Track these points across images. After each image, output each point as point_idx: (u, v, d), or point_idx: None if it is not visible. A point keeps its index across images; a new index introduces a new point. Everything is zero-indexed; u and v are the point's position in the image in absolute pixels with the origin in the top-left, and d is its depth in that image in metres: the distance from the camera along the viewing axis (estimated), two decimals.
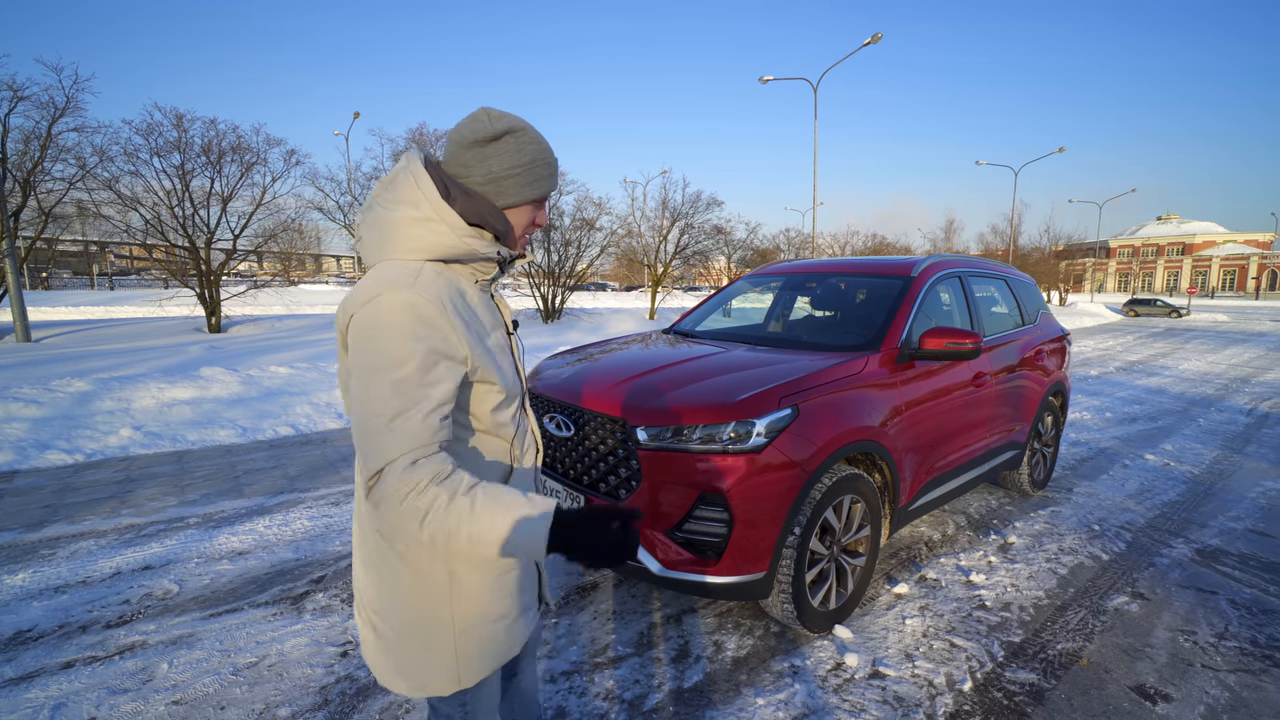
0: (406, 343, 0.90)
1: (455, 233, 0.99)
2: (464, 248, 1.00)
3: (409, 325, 0.90)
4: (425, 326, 0.91)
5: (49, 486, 4.05)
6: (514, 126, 1.03)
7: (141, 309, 17.55)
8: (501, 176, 1.02)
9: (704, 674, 2.21)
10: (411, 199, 0.98)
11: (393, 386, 0.89)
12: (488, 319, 1.07)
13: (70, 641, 2.35)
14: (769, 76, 18.41)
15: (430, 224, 0.98)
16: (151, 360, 7.74)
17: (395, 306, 0.90)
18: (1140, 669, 2.27)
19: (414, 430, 0.89)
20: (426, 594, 1.04)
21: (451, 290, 0.98)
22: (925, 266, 3.30)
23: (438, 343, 0.92)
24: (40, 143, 10.29)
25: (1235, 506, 3.96)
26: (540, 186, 1.07)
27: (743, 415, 2.20)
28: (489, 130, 1.00)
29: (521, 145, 1.02)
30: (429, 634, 1.05)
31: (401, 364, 0.90)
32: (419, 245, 0.99)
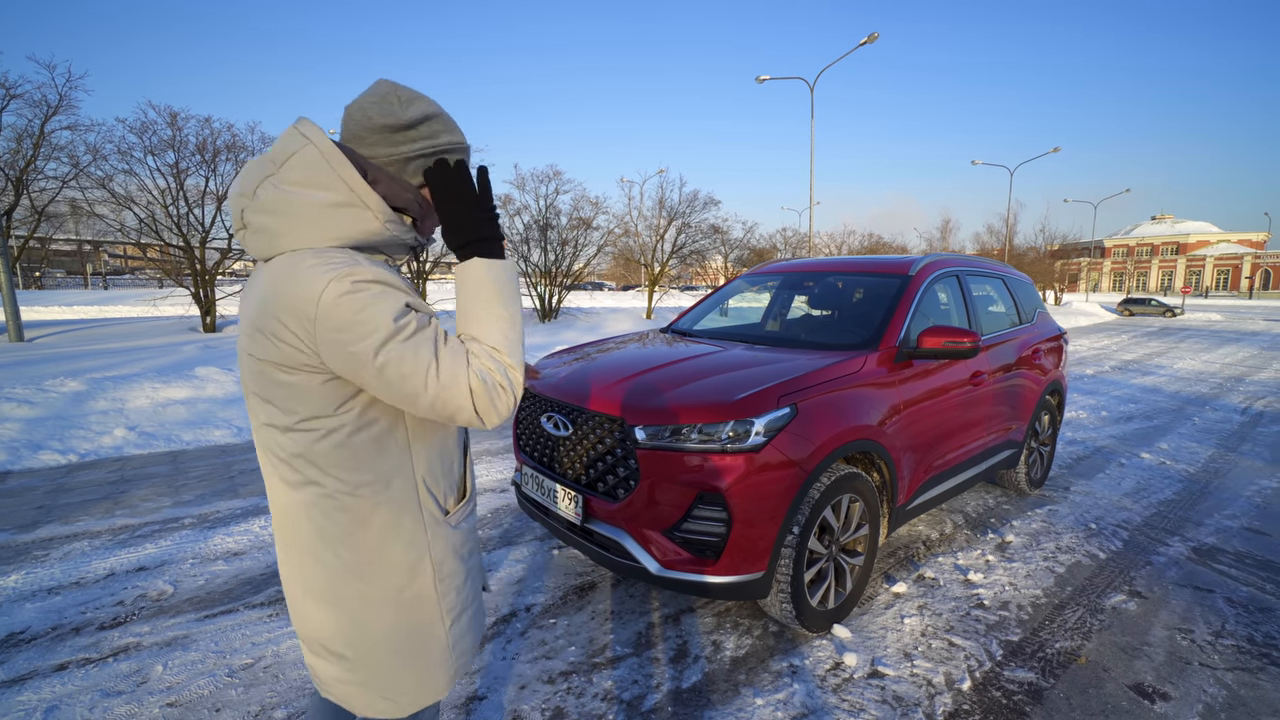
0: (389, 309, 0.85)
1: (380, 219, 0.92)
2: (386, 234, 0.94)
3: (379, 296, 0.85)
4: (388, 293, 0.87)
5: (42, 487, 4.02)
6: (429, 113, 0.97)
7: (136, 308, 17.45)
8: (408, 159, 0.96)
9: (702, 674, 2.20)
10: (322, 180, 0.89)
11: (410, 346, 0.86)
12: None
13: (63, 643, 2.32)
14: (765, 76, 18.41)
15: (353, 209, 0.90)
16: (146, 360, 7.69)
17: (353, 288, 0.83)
18: (1138, 667, 2.27)
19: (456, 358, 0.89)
20: (413, 593, 1.01)
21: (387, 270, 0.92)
22: (923, 265, 3.30)
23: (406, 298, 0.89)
24: (33, 141, 10.21)
25: (1231, 505, 3.98)
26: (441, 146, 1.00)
27: (741, 414, 2.19)
28: (402, 117, 0.94)
29: (436, 132, 0.97)
30: (421, 640, 1.03)
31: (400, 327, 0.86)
32: (339, 232, 0.90)
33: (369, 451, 0.95)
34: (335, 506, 0.95)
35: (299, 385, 0.89)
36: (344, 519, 0.96)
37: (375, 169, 0.93)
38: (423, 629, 1.03)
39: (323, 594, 0.99)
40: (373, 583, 0.98)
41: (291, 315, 0.84)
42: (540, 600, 2.69)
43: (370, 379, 0.87)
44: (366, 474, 0.95)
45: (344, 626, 1.00)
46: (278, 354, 0.87)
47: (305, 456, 0.93)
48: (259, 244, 0.91)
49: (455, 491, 1.09)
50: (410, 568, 1.00)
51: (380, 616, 1.00)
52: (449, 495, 1.07)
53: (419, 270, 14.42)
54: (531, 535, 3.36)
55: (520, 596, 2.72)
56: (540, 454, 2.66)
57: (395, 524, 0.98)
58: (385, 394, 0.88)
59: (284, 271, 0.86)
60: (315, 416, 0.91)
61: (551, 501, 2.52)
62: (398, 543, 0.99)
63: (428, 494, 1.02)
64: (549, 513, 2.58)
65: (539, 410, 2.66)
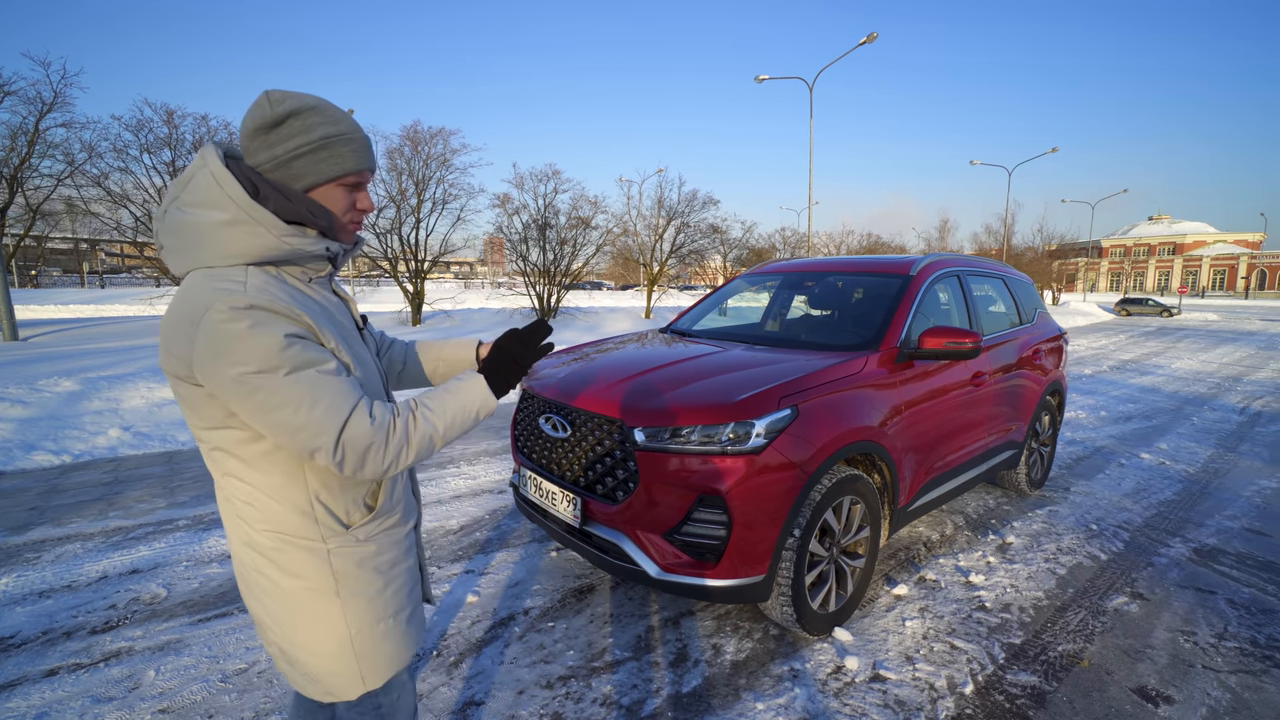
0: (264, 342, 0.86)
1: (274, 233, 0.93)
2: (285, 248, 0.94)
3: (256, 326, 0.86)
4: (270, 321, 0.88)
5: (35, 488, 3.98)
6: (298, 107, 0.95)
7: (132, 307, 17.37)
8: (288, 159, 0.95)
9: (703, 678, 2.18)
10: (213, 200, 0.90)
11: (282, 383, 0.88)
12: (338, 314, 1.06)
13: (54, 648, 2.29)
14: (765, 76, 18.38)
15: (243, 226, 0.91)
16: (141, 359, 7.64)
17: (234, 314, 0.86)
18: (1141, 670, 2.25)
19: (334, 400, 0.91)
20: (315, 602, 1.05)
21: (281, 290, 0.93)
22: (924, 265, 3.28)
23: (291, 328, 0.90)
24: (27, 138, 10.15)
25: (1231, 505, 3.96)
26: (335, 164, 0.98)
27: (742, 416, 2.17)
28: (270, 115, 0.94)
29: (309, 125, 0.95)
30: (325, 639, 1.07)
31: (274, 361, 0.87)
32: (234, 249, 0.91)
33: (261, 463, 0.98)
34: (234, 512, 1.03)
35: (190, 397, 0.94)
36: (243, 524, 1.03)
37: (266, 185, 0.94)
38: (328, 633, 1.06)
39: (248, 584, 1.07)
40: (276, 582, 1.04)
41: (178, 332, 0.89)
42: (538, 603, 2.66)
43: (239, 406, 0.89)
44: (260, 483, 0.99)
45: (265, 613, 1.07)
46: (172, 366, 0.92)
47: (209, 459, 1.01)
48: (173, 262, 0.96)
49: (361, 506, 1.09)
50: (311, 575, 1.04)
51: (290, 614, 1.05)
52: (352, 510, 1.07)
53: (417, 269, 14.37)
54: (529, 537, 3.33)
55: (518, 600, 2.69)
56: (539, 455, 2.64)
57: (288, 533, 1.02)
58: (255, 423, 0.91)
59: (182, 290, 0.92)
60: (208, 427, 0.96)
61: (550, 504, 2.49)
62: (296, 549, 1.03)
63: (322, 508, 1.03)
64: (547, 515, 2.55)
65: (537, 411, 2.63)
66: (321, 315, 0.98)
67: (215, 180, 0.91)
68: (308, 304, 0.97)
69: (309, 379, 0.90)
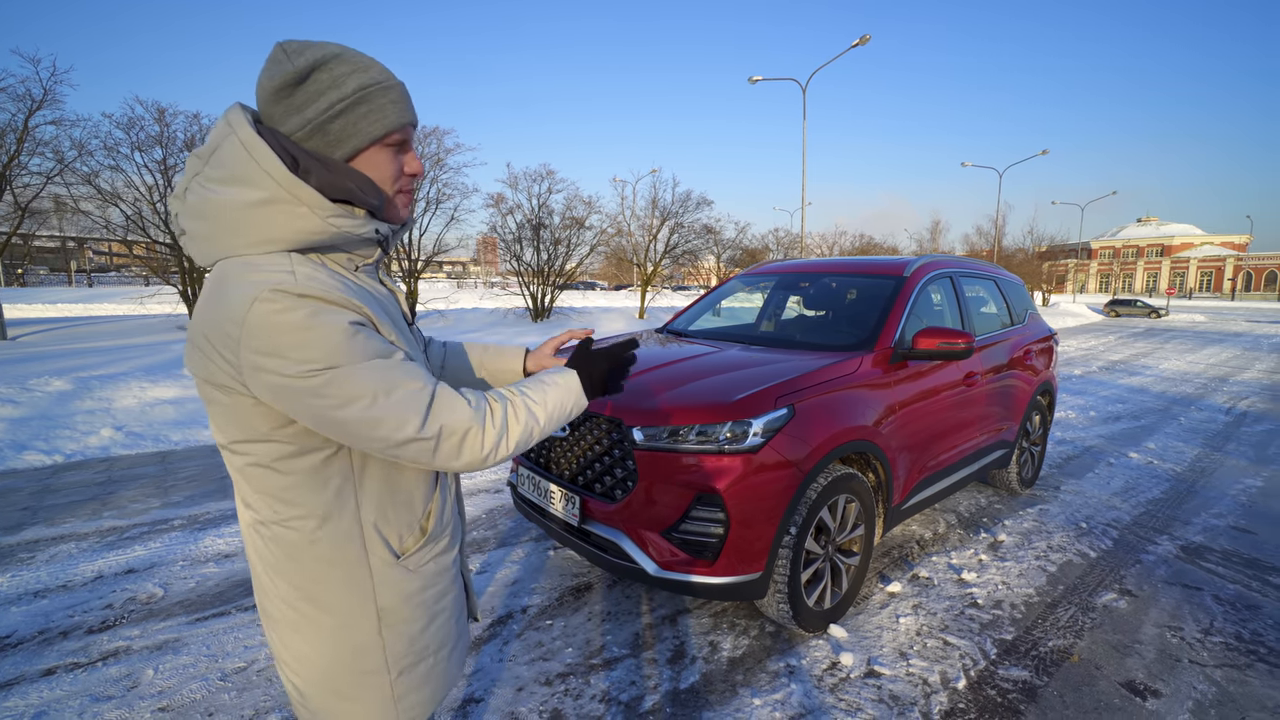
0: (326, 333, 0.74)
1: (319, 214, 0.78)
2: (331, 231, 0.80)
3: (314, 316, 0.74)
4: (329, 310, 0.75)
5: (27, 488, 3.95)
6: (322, 57, 0.79)
7: (122, 306, 17.22)
8: (323, 121, 0.79)
9: (700, 675, 2.20)
10: (245, 175, 0.76)
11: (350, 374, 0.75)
12: (390, 307, 0.93)
13: (51, 648, 2.29)
14: (758, 77, 18.46)
15: (282, 206, 0.77)
16: (133, 359, 7.59)
17: (289, 304, 0.73)
18: (1130, 665, 2.30)
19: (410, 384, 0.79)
20: (353, 639, 0.90)
21: (336, 279, 0.81)
22: (917, 267, 3.32)
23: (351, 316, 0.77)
24: (16, 136, 10.04)
25: (1217, 503, 4.03)
26: (379, 119, 0.82)
27: (739, 415, 2.19)
28: (291, 70, 0.77)
29: (339, 77, 0.79)
30: (359, 683, 0.92)
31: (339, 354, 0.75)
32: (273, 234, 0.78)
33: (304, 483, 0.84)
34: (270, 535, 0.87)
35: (231, 406, 0.79)
36: (279, 549, 0.87)
37: (306, 157, 0.79)
38: (364, 676, 0.92)
39: (269, 616, 0.93)
40: (310, 619, 0.89)
41: (217, 334, 0.74)
42: (536, 601, 2.68)
43: (300, 410, 0.76)
44: (299, 507, 0.85)
45: (286, 655, 0.92)
46: (206, 371, 0.78)
47: (241, 476, 0.86)
48: (198, 251, 0.81)
49: (415, 530, 0.95)
50: (350, 611, 0.89)
51: (319, 654, 0.90)
52: (405, 535, 0.93)
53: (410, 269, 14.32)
54: (527, 536, 3.34)
55: (516, 598, 2.71)
56: (537, 455, 2.65)
57: (333, 563, 0.88)
58: (322, 427, 0.78)
59: (213, 284, 0.77)
60: (247, 440, 0.82)
61: (548, 502, 2.51)
62: (335, 584, 0.88)
63: (375, 535, 0.90)
64: (545, 514, 2.57)
65: None
66: (375, 306, 0.85)
67: (246, 150, 0.76)
68: (361, 294, 0.83)
69: (379, 367, 0.78)
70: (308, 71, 0.78)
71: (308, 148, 0.80)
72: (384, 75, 0.83)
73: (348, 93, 0.79)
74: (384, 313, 0.87)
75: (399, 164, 0.87)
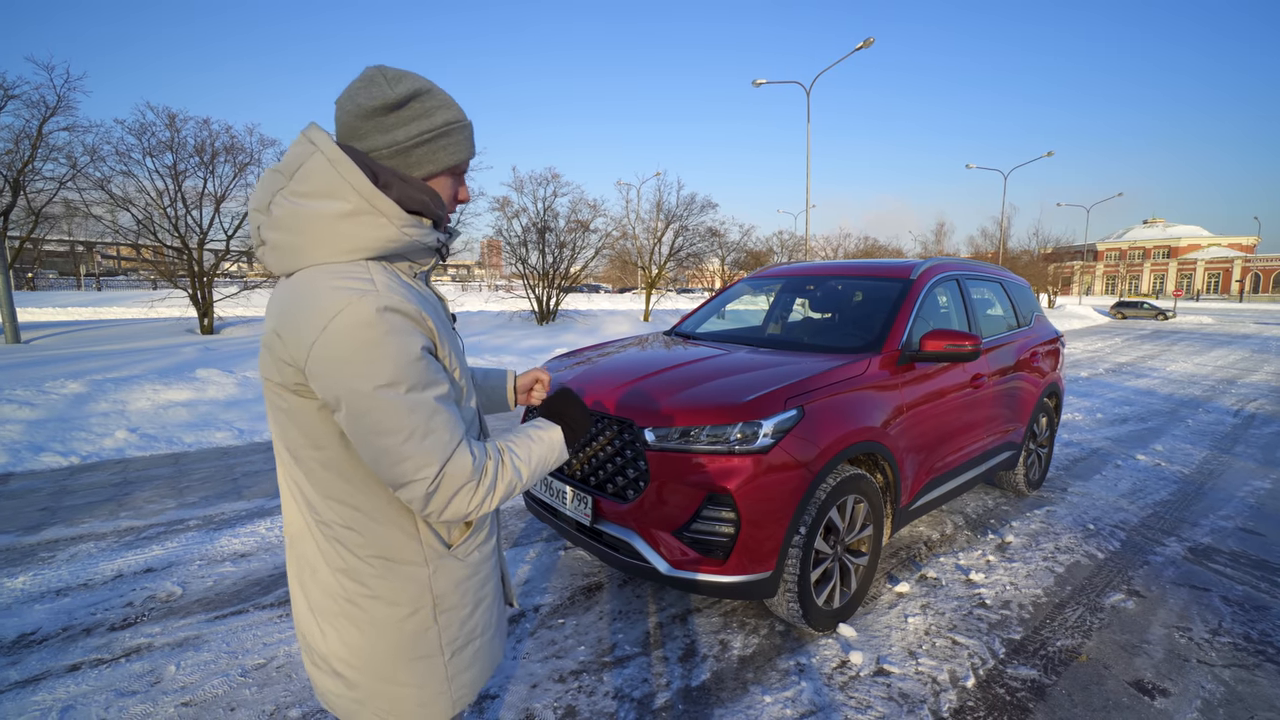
0: (398, 352, 0.81)
1: (395, 224, 0.86)
2: (405, 240, 0.88)
3: (392, 333, 0.80)
4: (406, 329, 0.82)
5: (45, 489, 4.01)
6: (419, 89, 0.89)
7: (131, 310, 17.37)
8: (410, 146, 0.89)
9: (711, 672, 2.23)
10: (332, 189, 0.83)
11: (406, 403, 0.81)
12: (442, 311, 1.01)
13: (75, 644, 2.34)
14: (762, 80, 18.50)
15: (366, 217, 0.84)
16: (145, 362, 7.68)
17: (369, 319, 0.79)
18: (1138, 665, 2.31)
19: (442, 434, 0.85)
20: (412, 627, 0.97)
21: (405, 287, 0.88)
22: (924, 269, 3.35)
23: (423, 340, 0.85)
24: (30, 142, 10.17)
25: (1225, 505, 4.04)
26: (455, 153, 0.94)
27: (750, 416, 2.23)
28: (390, 95, 0.86)
29: (430, 109, 0.90)
30: (416, 667, 0.98)
31: (404, 376, 0.81)
32: (356, 244, 0.85)
33: (369, 484, 0.91)
34: (331, 535, 0.93)
35: (297, 409, 0.86)
36: (340, 547, 0.93)
37: (386, 172, 0.88)
38: (420, 661, 0.98)
39: (323, 613, 0.97)
40: (370, 612, 0.95)
41: (295, 337, 0.80)
42: (548, 600, 2.71)
43: (349, 420, 0.81)
44: (361, 507, 0.92)
45: (340, 649, 0.96)
46: (279, 374, 0.84)
47: (306, 479, 0.92)
48: (278, 260, 0.87)
49: (461, 524, 1.02)
50: (409, 601, 0.96)
51: (377, 645, 0.96)
52: (453, 527, 1.01)
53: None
54: (539, 537, 3.38)
55: (528, 597, 2.74)
56: None
57: (392, 557, 0.94)
58: (357, 441, 0.83)
59: (299, 290, 0.83)
60: (312, 445, 0.88)
61: (560, 503, 2.55)
62: (395, 576, 0.95)
63: (428, 529, 0.97)
64: (557, 514, 2.60)
65: None
66: (430, 311, 0.91)
67: (333, 166, 0.83)
68: (422, 301, 0.89)
69: (427, 406, 0.83)
70: (404, 100, 0.88)
71: (387, 165, 0.89)
72: (462, 115, 0.95)
73: (435, 125, 0.91)
74: (437, 318, 0.93)
75: (455, 190, 1.00)
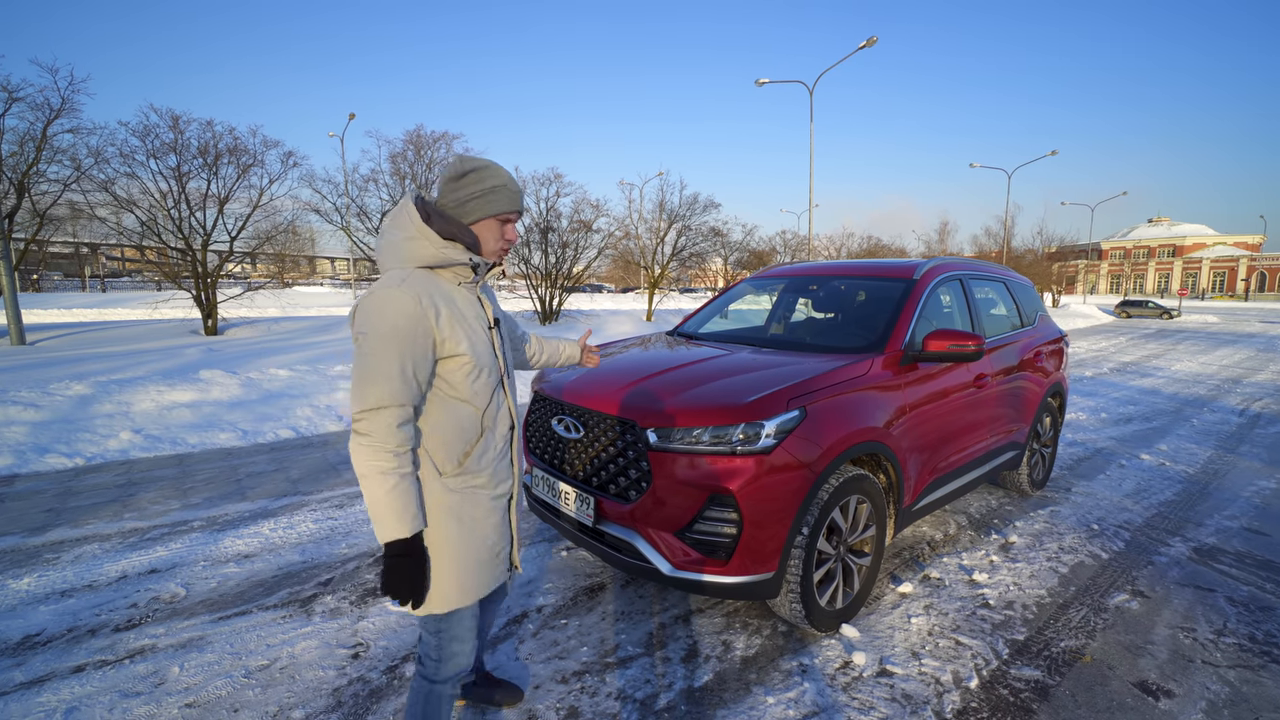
0: (394, 319, 1.26)
1: (433, 245, 1.36)
2: (442, 256, 1.37)
3: (396, 308, 1.26)
4: (404, 311, 1.27)
5: (50, 490, 4.03)
6: (477, 166, 1.41)
7: (135, 311, 17.44)
8: (466, 200, 1.40)
9: (713, 673, 2.23)
10: (402, 225, 1.37)
11: (381, 349, 1.25)
12: (467, 310, 1.41)
13: (79, 645, 2.35)
14: (765, 79, 18.48)
15: (416, 241, 1.35)
16: (149, 363, 7.71)
17: (386, 296, 1.27)
18: (1142, 665, 2.30)
19: (395, 386, 1.25)
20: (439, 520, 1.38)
21: (432, 285, 1.34)
22: (927, 269, 3.34)
23: (413, 322, 1.27)
24: (35, 144, 10.22)
25: (1230, 505, 4.02)
26: (495, 205, 1.41)
27: (752, 417, 2.22)
28: (459, 170, 1.41)
29: (482, 178, 1.40)
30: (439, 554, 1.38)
31: (389, 334, 1.25)
32: (409, 256, 1.36)
33: None
34: None
35: None
36: None
37: (436, 213, 1.39)
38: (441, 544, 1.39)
39: None
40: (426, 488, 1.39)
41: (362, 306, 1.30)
42: (551, 601, 2.72)
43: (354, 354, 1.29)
44: None
45: None
46: None
47: None
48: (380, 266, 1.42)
49: (454, 461, 1.40)
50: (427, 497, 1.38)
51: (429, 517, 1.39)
52: (446, 462, 1.40)
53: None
54: (540, 537, 3.38)
55: (531, 598, 2.74)
56: (550, 456, 2.69)
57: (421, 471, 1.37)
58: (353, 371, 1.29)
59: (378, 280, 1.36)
60: None
61: (562, 503, 2.55)
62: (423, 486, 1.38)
63: (426, 457, 1.38)
64: (559, 514, 2.60)
65: (549, 413, 2.69)
66: (451, 305, 1.35)
67: (405, 212, 1.38)
68: (446, 295, 1.36)
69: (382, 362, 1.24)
70: (467, 173, 1.41)
71: (448, 212, 1.41)
72: (509, 181, 1.43)
73: (485, 188, 1.41)
74: (459, 311, 1.38)
75: (500, 231, 1.46)
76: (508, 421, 1.52)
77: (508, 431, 1.53)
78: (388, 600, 1.44)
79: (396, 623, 2.52)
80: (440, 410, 1.37)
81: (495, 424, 1.47)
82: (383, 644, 2.38)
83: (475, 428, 1.42)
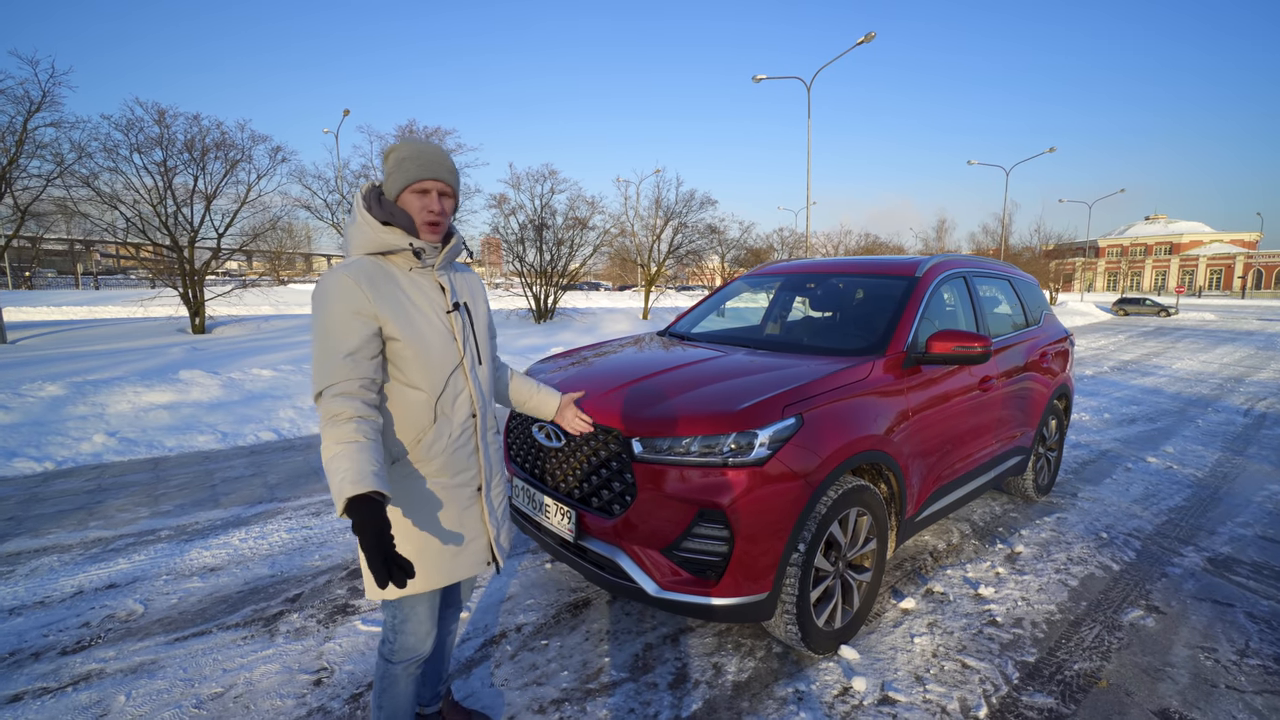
0: (332, 304, 1.31)
1: (373, 230, 1.39)
2: (380, 241, 1.39)
3: (334, 292, 1.31)
4: (345, 293, 1.31)
5: (15, 497, 3.85)
6: (395, 146, 1.42)
7: (125, 309, 17.18)
8: (387, 179, 1.42)
9: (703, 701, 2.07)
10: (353, 214, 1.43)
11: (323, 333, 1.30)
12: (416, 295, 1.42)
13: (20, 671, 2.18)
14: (762, 75, 18.27)
15: (359, 228, 1.41)
16: (130, 363, 7.51)
17: (326, 282, 1.33)
18: (1162, 691, 2.15)
19: (336, 366, 1.29)
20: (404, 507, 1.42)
21: (376, 271, 1.37)
22: (930, 266, 3.17)
23: (353, 305, 1.31)
24: (15, 138, 9.99)
25: (1243, 511, 3.87)
26: (405, 176, 1.38)
27: (744, 425, 2.06)
28: (385, 153, 1.44)
29: (395, 155, 1.40)
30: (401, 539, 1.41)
31: (328, 318, 1.31)
32: (355, 244, 1.42)
33: None
34: None
35: None
36: None
37: (376, 200, 1.42)
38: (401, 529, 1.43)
39: None
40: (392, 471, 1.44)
41: None
42: (531, 619, 2.55)
43: None
44: None
45: None
46: None
47: None
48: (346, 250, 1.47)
49: (405, 448, 1.43)
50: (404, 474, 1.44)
51: None
52: (397, 449, 1.43)
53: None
54: (523, 548, 3.22)
55: (510, 615, 2.58)
56: (531, 465, 2.53)
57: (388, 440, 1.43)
58: None
59: None
60: None
61: (543, 516, 2.39)
62: None
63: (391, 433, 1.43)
64: (541, 527, 2.44)
65: (530, 420, 2.52)
66: (395, 289, 1.38)
67: (355, 202, 1.45)
68: (391, 279, 1.39)
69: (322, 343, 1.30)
70: (388, 154, 1.42)
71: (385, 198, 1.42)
72: (416, 152, 1.39)
73: (395, 164, 1.40)
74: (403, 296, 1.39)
75: (420, 203, 1.41)
76: (467, 409, 1.48)
77: (467, 420, 1.48)
78: None
79: (365, 644, 2.35)
80: (390, 394, 1.40)
81: (452, 411, 1.45)
82: (348, 668, 2.21)
83: (427, 414, 1.42)
